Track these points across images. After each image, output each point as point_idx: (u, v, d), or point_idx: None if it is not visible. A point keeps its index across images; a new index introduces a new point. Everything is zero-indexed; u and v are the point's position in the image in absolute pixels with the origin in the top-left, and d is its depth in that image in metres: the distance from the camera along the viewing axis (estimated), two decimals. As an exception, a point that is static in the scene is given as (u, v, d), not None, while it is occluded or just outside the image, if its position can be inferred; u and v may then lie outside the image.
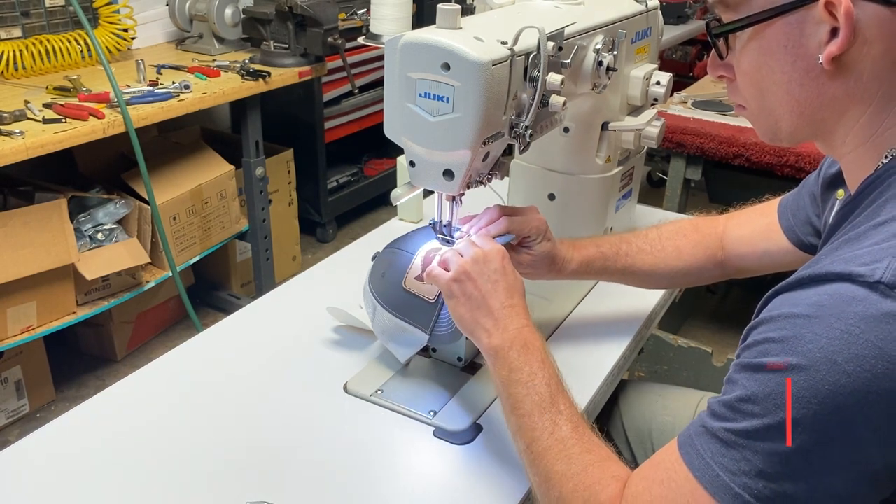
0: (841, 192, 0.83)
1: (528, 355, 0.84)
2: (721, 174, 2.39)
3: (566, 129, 1.22)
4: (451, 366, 1.08)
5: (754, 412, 0.62)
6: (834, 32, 0.66)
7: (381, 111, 1.07)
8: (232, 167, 2.47)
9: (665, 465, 0.70)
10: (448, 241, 1.00)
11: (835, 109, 0.70)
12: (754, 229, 1.09)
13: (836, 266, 0.62)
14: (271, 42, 2.40)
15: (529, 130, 0.93)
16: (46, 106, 1.88)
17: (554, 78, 0.92)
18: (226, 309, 2.69)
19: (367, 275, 1.06)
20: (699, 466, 0.65)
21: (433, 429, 0.96)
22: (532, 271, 1.04)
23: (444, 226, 1.00)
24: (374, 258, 1.07)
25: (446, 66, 0.85)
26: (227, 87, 2.18)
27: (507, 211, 1.01)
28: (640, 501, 0.70)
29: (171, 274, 2.21)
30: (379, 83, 3.24)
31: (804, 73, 0.69)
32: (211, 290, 2.80)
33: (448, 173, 0.93)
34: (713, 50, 0.77)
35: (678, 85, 2.01)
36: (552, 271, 1.07)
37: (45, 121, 1.79)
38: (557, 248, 1.06)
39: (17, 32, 2.09)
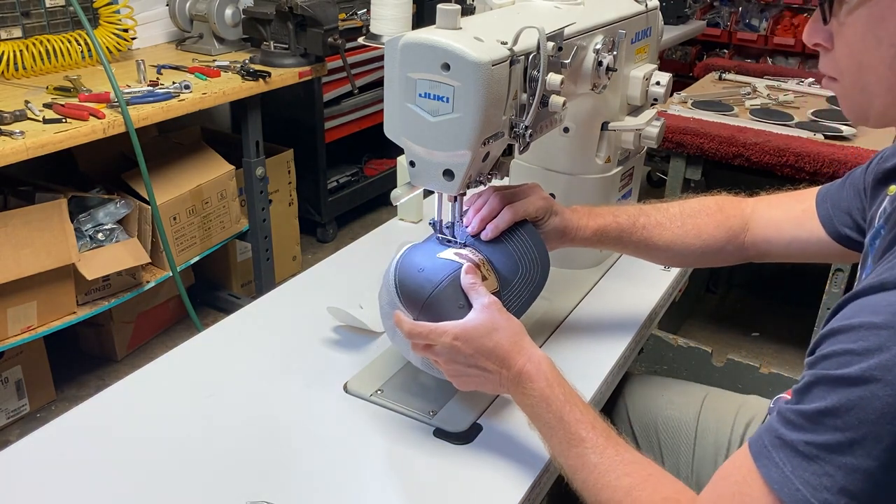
0: (892, 188, 0.80)
1: (529, 398, 0.84)
2: (721, 174, 2.39)
3: (566, 129, 1.22)
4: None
5: (836, 426, 0.59)
6: None
7: (381, 111, 1.07)
8: (232, 167, 2.47)
9: (736, 477, 0.66)
10: (449, 242, 1.00)
11: None
12: (786, 215, 1.06)
13: None
14: (271, 42, 2.40)
15: (529, 130, 0.93)
16: (47, 106, 1.88)
17: (554, 78, 0.92)
18: (226, 309, 2.69)
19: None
20: (778, 480, 0.62)
21: (433, 429, 0.96)
22: None
23: (446, 227, 1.00)
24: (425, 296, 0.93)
25: (446, 67, 0.85)
26: (228, 88, 2.18)
27: (508, 198, 0.99)
28: None
29: (171, 274, 2.21)
30: (379, 83, 3.24)
31: None
32: (211, 290, 2.80)
33: (448, 173, 0.93)
34: (815, 13, 0.71)
35: (678, 85, 2.02)
36: (564, 241, 1.05)
37: (46, 121, 1.80)
38: (568, 218, 1.04)
39: (17, 32, 2.09)
